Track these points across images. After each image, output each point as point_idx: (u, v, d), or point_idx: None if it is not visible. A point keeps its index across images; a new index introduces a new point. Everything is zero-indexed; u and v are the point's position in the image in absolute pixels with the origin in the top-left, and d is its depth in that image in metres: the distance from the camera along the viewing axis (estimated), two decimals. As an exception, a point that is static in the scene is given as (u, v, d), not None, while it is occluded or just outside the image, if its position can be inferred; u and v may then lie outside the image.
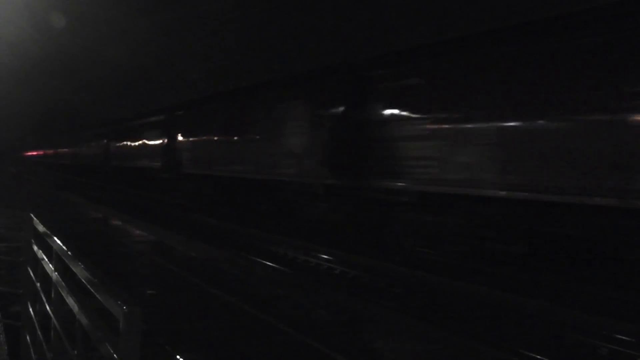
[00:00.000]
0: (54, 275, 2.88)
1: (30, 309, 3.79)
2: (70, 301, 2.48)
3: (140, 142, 22.59)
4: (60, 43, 8.16)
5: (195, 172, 17.21)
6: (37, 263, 3.59)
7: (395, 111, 9.18)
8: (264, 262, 9.37)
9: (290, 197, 12.11)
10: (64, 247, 2.75)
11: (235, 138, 15.04)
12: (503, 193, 7.31)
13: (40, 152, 53.83)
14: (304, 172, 11.48)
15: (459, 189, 7.92)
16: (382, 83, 9.53)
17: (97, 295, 1.98)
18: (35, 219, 3.88)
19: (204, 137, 17.04)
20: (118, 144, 25.70)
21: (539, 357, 5.17)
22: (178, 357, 4.65)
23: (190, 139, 17.94)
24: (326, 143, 10.83)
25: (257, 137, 13.71)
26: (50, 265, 3.05)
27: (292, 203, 12.12)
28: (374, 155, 9.51)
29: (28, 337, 3.78)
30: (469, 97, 7.93)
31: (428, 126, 8.51)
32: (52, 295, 2.93)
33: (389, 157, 9.20)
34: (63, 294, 2.64)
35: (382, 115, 9.43)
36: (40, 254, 3.49)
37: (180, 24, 7.09)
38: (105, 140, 27.50)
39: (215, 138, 16.27)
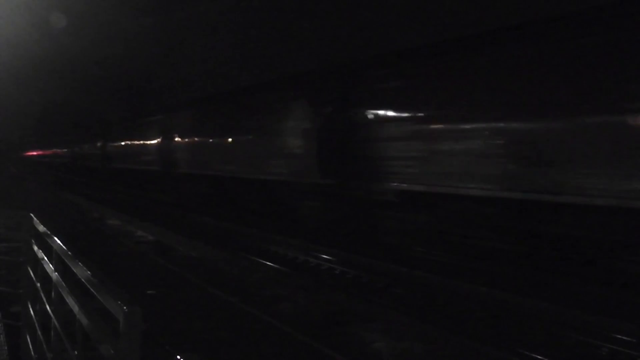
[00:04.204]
0: (54, 275, 2.88)
1: (30, 309, 3.79)
2: (70, 301, 2.48)
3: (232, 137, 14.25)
4: (60, 43, 8.16)
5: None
6: (37, 263, 3.59)
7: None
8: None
9: None
10: (64, 247, 2.74)
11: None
12: None
13: (48, 152, 47.90)
14: None
15: None
16: None
17: (97, 295, 1.98)
18: (35, 219, 3.88)
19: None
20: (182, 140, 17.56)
21: (539, 357, 5.16)
22: (178, 357, 4.65)
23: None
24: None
25: None
26: (50, 265, 3.05)
27: None
28: None
29: (28, 337, 3.78)
30: None
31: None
32: (52, 295, 2.93)
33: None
34: (63, 294, 2.64)
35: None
36: (41, 254, 3.49)
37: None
38: (160, 137, 19.18)
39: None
